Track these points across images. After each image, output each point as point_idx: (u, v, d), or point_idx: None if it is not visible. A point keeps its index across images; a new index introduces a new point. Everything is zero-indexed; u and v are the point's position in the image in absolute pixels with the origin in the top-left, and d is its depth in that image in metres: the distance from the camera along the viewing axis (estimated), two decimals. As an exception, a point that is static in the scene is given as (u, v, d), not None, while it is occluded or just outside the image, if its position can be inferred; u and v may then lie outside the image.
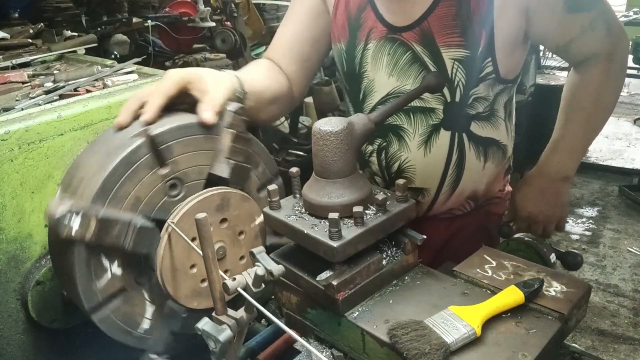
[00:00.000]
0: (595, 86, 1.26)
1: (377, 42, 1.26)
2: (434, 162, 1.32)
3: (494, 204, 1.49)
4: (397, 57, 1.25)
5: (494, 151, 1.35)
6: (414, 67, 1.24)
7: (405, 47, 1.23)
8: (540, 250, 1.36)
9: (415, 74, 1.24)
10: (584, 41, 1.21)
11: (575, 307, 0.93)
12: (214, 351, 0.81)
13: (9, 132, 1.05)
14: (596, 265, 3.50)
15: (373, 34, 1.27)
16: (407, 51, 1.23)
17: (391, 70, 1.27)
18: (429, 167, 1.33)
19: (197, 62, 3.59)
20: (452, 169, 1.32)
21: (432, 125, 1.28)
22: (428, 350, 0.80)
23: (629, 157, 5.05)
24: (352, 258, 0.93)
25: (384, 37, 1.25)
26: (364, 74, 1.32)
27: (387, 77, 1.28)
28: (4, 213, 1.07)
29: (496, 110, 1.31)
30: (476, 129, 1.30)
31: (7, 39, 2.04)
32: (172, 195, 1.05)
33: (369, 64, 1.30)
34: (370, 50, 1.28)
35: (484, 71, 1.21)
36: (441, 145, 1.30)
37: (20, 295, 1.14)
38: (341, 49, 1.34)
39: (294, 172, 1.03)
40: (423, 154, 1.31)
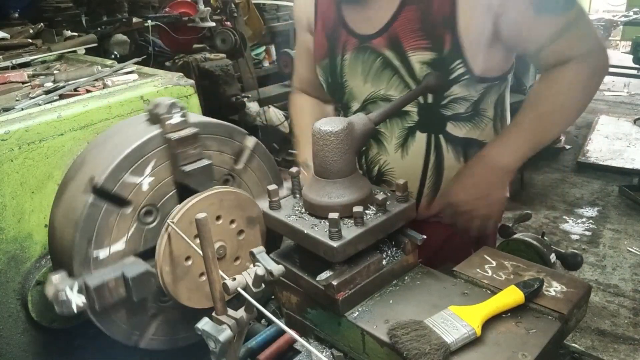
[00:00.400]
0: (558, 87, 1.21)
1: (351, 53, 1.30)
2: (412, 165, 1.32)
3: None
4: (369, 64, 1.27)
5: (476, 152, 1.31)
6: (385, 72, 1.26)
7: (375, 54, 1.26)
8: (540, 250, 1.36)
9: (387, 79, 1.26)
10: (554, 47, 1.17)
11: (575, 307, 0.92)
12: (214, 351, 0.81)
13: (9, 132, 1.05)
14: (596, 265, 3.50)
15: (347, 46, 1.30)
16: (378, 57, 1.25)
17: (366, 77, 1.29)
18: (407, 170, 1.32)
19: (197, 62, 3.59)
20: (430, 171, 1.32)
21: (407, 127, 1.28)
22: (428, 350, 0.80)
23: (629, 157, 5.04)
24: (352, 258, 0.93)
25: (356, 47, 1.29)
26: (345, 84, 1.35)
27: (363, 83, 1.31)
28: (4, 213, 1.07)
29: (482, 110, 1.29)
30: (453, 130, 1.28)
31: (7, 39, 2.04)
32: (150, 222, 1.05)
33: (347, 74, 1.33)
34: (347, 61, 1.31)
35: (456, 72, 1.20)
36: (418, 148, 1.30)
37: (20, 295, 1.14)
38: (326, 63, 1.38)
39: (294, 172, 1.03)
40: (400, 156, 1.32)
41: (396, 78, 1.24)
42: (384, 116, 1.09)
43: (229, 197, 1.08)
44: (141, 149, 1.02)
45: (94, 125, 1.18)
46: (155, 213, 1.06)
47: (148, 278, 0.99)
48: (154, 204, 1.05)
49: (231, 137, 1.17)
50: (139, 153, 1.02)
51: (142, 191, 1.03)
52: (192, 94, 1.37)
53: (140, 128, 1.07)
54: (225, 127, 1.16)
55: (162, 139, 1.04)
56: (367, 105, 1.31)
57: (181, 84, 1.34)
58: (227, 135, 1.16)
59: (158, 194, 1.05)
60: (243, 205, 1.11)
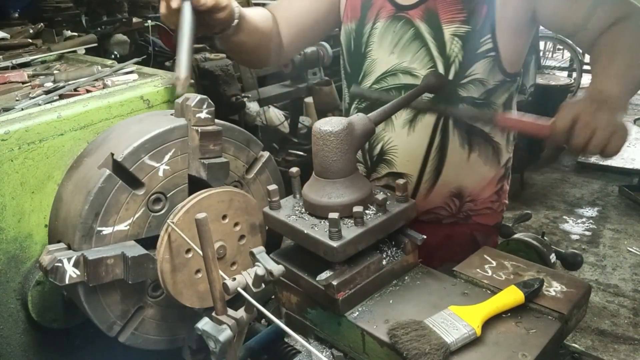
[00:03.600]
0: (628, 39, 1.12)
1: (385, 21, 1.29)
2: (416, 144, 1.31)
3: (485, 215, 1.43)
4: (400, 35, 1.27)
5: (481, 143, 1.33)
6: (414, 43, 1.26)
7: (409, 24, 1.26)
8: (540, 250, 1.36)
9: (414, 51, 1.26)
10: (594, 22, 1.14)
11: (575, 307, 0.92)
12: (214, 351, 0.81)
13: (9, 132, 1.05)
14: (596, 265, 3.50)
15: (382, 13, 1.30)
16: (410, 28, 1.26)
17: (393, 48, 1.29)
18: (411, 149, 1.32)
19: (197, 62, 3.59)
20: (434, 153, 1.31)
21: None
22: (428, 350, 0.80)
23: (629, 157, 5.04)
24: (352, 258, 0.93)
25: (391, 15, 1.29)
26: (368, 53, 1.34)
27: (389, 54, 1.30)
28: (4, 213, 1.07)
29: (493, 104, 1.30)
30: None
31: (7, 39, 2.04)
32: (157, 210, 1.06)
33: (374, 43, 1.32)
34: (377, 29, 1.31)
35: (483, 47, 1.22)
36: (425, 126, 1.29)
37: (20, 295, 1.14)
38: (351, 28, 1.37)
39: (294, 172, 1.03)
40: (406, 133, 1.31)
41: (423, 50, 1.25)
42: (384, 116, 1.09)
43: (238, 198, 1.09)
44: (165, 135, 1.04)
45: (94, 125, 1.18)
46: (164, 202, 1.07)
47: (147, 262, 0.99)
48: (165, 193, 1.06)
49: (248, 145, 1.19)
50: (162, 139, 1.04)
51: (156, 177, 1.04)
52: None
53: (166, 118, 1.10)
54: (244, 134, 1.18)
55: (186, 131, 1.06)
56: (387, 77, 1.31)
57: (181, 84, 1.34)
58: (244, 143, 1.18)
59: (171, 184, 1.07)
60: (250, 210, 1.11)
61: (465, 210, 1.40)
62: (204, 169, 1.05)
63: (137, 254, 0.98)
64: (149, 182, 1.04)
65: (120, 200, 1.00)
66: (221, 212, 1.06)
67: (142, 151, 1.02)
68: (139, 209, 1.03)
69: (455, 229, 1.41)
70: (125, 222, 1.02)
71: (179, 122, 1.07)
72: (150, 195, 1.04)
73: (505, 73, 1.27)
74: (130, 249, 0.99)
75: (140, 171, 1.02)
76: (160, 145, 1.04)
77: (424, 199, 1.36)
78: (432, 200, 1.36)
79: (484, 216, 1.43)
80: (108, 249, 0.99)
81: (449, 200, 1.37)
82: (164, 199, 1.07)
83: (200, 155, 1.05)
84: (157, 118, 1.12)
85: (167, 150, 1.05)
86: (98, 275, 0.96)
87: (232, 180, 1.17)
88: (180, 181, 1.08)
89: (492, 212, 1.44)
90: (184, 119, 1.07)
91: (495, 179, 1.40)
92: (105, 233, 1.00)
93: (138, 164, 1.02)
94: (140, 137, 1.02)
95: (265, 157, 1.23)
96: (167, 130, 1.04)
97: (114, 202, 1.00)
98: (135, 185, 1.02)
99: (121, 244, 1.02)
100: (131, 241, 1.03)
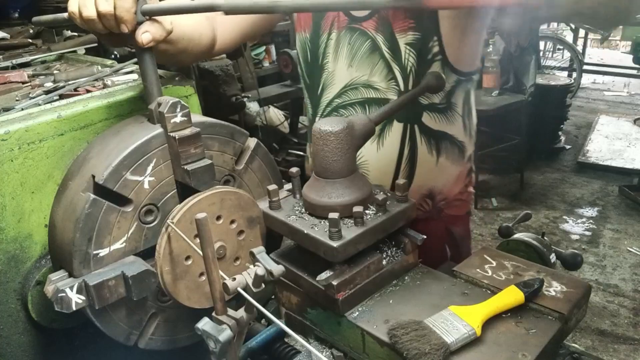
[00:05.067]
0: None
1: (338, 32, 1.28)
2: (387, 157, 1.31)
3: (456, 206, 1.46)
4: (356, 47, 1.26)
5: (447, 146, 1.34)
6: (372, 56, 1.25)
7: (365, 36, 1.25)
8: (540, 250, 1.36)
9: (373, 64, 1.25)
10: None
11: (575, 307, 0.92)
12: (214, 351, 0.81)
13: (9, 132, 1.05)
14: (596, 265, 3.50)
15: (336, 24, 1.28)
16: (367, 40, 1.24)
17: (350, 61, 1.28)
18: (381, 162, 1.32)
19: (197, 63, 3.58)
20: (404, 163, 1.32)
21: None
22: (428, 350, 0.80)
23: (629, 157, 5.04)
24: (352, 258, 0.93)
25: (345, 26, 1.27)
26: (325, 66, 1.33)
27: (347, 67, 1.29)
28: (4, 213, 1.07)
29: (454, 105, 1.31)
30: (428, 121, 1.29)
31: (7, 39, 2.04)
32: (150, 222, 1.06)
33: (330, 55, 1.31)
34: (332, 41, 1.29)
35: (432, 51, 1.22)
36: (393, 138, 1.30)
37: (20, 295, 1.13)
38: (305, 38, 1.35)
39: (294, 172, 1.03)
40: (376, 148, 1.31)
41: (382, 63, 1.24)
42: (383, 116, 1.09)
43: (229, 197, 1.08)
44: (143, 147, 1.02)
45: (94, 125, 1.18)
46: (155, 212, 1.06)
47: (148, 277, 0.99)
48: (155, 203, 1.05)
49: (232, 137, 1.17)
50: (140, 152, 1.02)
51: (143, 190, 1.03)
52: (192, 94, 1.36)
53: (141, 127, 1.07)
54: (227, 127, 1.16)
55: (164, 138, 1.04)
56: (348, 91, 1.30)
57: (181, 84, 1.34)
58: (228, 136, 1.16)
59: (159, 193, 1.06)
60: (243, 205, 1.11)
61: (438, 207, 1.42)
62: (188, 176, 1.03)
63: (136, 272, 0.97)
64: (136, 197, 1.02)
65: (111, 220, 0.99)
66: (214, 214, 1.06)
67: (123, 168, 1.00)
68: (132, 224, 1.02)
69: (430, 224, 1.41)
70: (121, 240, 1.01)
71: (155, 130, 1.04)
72: (140, 209, 1.03)
73: (458, 73, 1.27)
74: (130, 267, 0.99)
75: (124, 188, 1.00)
76: (140, 158, 1.02)
77: None
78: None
79: (455, 208, 1.46)
80: (108, 271, 0.98)
81: (422, 202, 1.40)
82: (155, 209, 1.06)
83: (182, 161, 1.03)
84: (133, 129, 1.08)
85: (148, 161, 1.03)
86: (102, 298, 0.96)
87: (222, 175, 1.16)
88: (168, 189, 1.07)
89: (462, 202, 1.48)
90: (159, 125, 1.05)
91: (464, 174, 1.44)
92: (102, 255, 1.00)
93: (121, 182, 1.00)
94: (119, 154, 0.99)
95: (253, 144, 1.21)
96: (144, 142, 1.02)
97: (104, 224, 0.99)
98: (123, 203, 1.01)
99: (120, 262, 1.01)
100: (130, 257, 1.03)
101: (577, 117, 6.17)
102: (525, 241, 1.39)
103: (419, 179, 1.34)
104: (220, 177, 1.15)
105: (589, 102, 6.91)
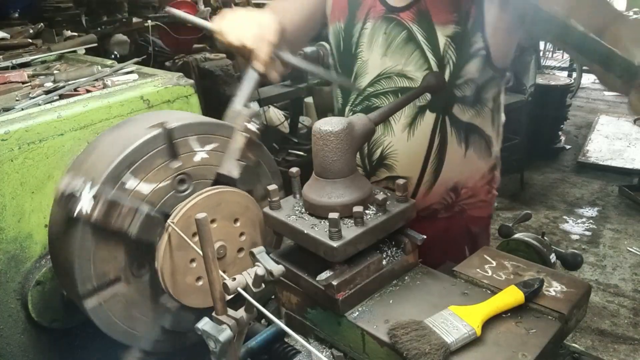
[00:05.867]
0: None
1: (374, 22, 1.28)
2: (417, 146, 1.32)
3: (478, 207, 1.45)
4: (392, 37, 1.26)
5: (476, 139, 1.34)
6: (408, 46, 1.25)
7: (401, 26, 1.25)
8: (540, 250, 1.36)
9: (408, 54, 1.25)
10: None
11: (575, 307, 0.92)
12: (214, 351, 0.81)
13: (9, 132, 1.05)
14: (596, 265, 3.50)
15: (371, 13, 1.28)
16: (403, 31, 1.25)
17: (385, 51, 1.28)
18: (411, 152, 1.32)
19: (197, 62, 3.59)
20: (433, 154, 1.32)
21: (418, 106, 1.28)
22: (428, 350, 0.80)
23: (629, 157, 5.04)
24: (352, 258, 0.93)
25: (381, 16, 1.27)
26: (358, 54, 1.33)
27: (381, 57, 1.29)
28: (4, 213, 1.07)
29: (484, 99, 1.31)
30: (458, 113, 1.30)
31: (7, 39, 2.04)
32: (180, 190, 1.06)
33: (364, 44, 1.31)
34: (367, 30, 1.30)
35: (474, 46, 1.22)
36: (425, 128, 1.30)
37: (20, 295, 1.14)
38: (339, 28, 1.36)
39: (294, 172, 1.03)
40: (406, 137, 1.31)
41: (417, 53, 1.24)
42: (383, 116, 1.09)
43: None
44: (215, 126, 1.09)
45: (94, 125, 1.18)
46: (188, 183, 1.07)
47: (157, 225, 1.00)
48: (193, 177, 1.07)
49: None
50: (212, 128, 1.08)
51: (192, 160, 1.07)
52: (192, 94, 1.37)
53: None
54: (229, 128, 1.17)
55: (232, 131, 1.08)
56: (381, 79, 1.31)
57: (181, 84, 1.34)
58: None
59: (201, 172, 1.08)
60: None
61: (460, 204, 1.42)
62: (238, 169, 1.06)
63: (149, 212, 0.98)
64: (184, 161, 1.05)
65: (155, 163, 1.01)
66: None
67: (189, 131, 1.05)
68: (166, 180, 1.04)
69: (451, 222, 1.42)
70: (150, 185, 1.02)
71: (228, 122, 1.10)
72: (180, 173, 1.05)
73: (494, 69, 1.28)
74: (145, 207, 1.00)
75: (182, 147, 1.04)
76: (208, 133, 1.08)
77: (423, 198, 1.37)
78: (430, 198, 1.38)
79: (477, 209, 1.45)
80: (127, 198, 0.99)
81: (445, 195, 1.39)
82: (189, 182, 1.07)
83: (238, 157, 1.07)
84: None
85: (212, 140, 1.09)
86: (108, 218, 0.95)
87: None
88: (209, 174, 1.10)
89: (485, 204, 1.47)
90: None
91: (489, 170, 1.44)
92: (127, 187, 0.99)
93: (182, 140, 1.04)
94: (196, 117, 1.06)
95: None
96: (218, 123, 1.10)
97: (149, 160, 1.01)
98: (174, 156, 1.04)
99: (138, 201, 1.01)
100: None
101: (577, 117, 6.17)
102: (525, 241, 1.39)
103: (447, 170, 1.34)
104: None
105: (589, 102, 6.91)
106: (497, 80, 1.31)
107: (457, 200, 1.41)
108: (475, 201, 1.43)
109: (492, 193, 1.49)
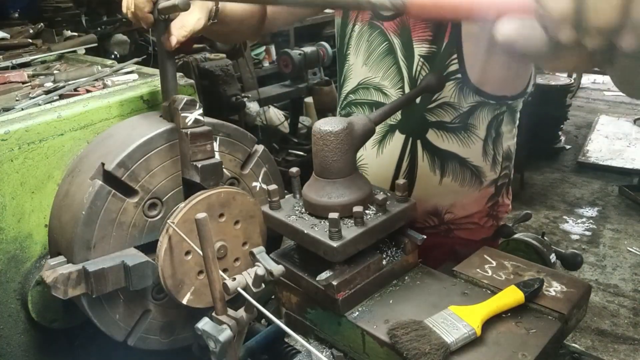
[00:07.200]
0: None
1: (362, 25, 1.26)
2: (386, 165, 1.28)
3: (468, 229, 1.36)
4: (374, 46, 1.24)
5: (456, 168, 1.26)
6: (387, 59, 1.22)
7: (383, 36, 1.22)
8: (540, 250, 1.36)
9: (386, 68, 1.23)
10: None
11: (575, 307, 0.92)
12: (214, 351, 0.81)
13: (9, 132, 1.05)
14: (596, 265, 3.50)
15: (360, 15, 1.26)
16: (384, 42, 1.22)
17: (366, 59, 1.26)
18: (381, 169, 1.29)
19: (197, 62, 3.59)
20: (402, 176, 1.27)
21: (389, 125, 1.25)
22: (428, 350, 0.80)
23: (629, 157, 5.04)
24: (352, 258, 0.93)
25: (367, 21, 1.25)
26: (347, 56, 1.32)
27: (362, 65, 1.27)
28: (4, 213, 1.07)
29: (472, 126, 1.22)
30: (434, 139, 1.23)
31: (7, 39, 2.04)
32: (153, 216, 1.06)
33: (352, 47, 1.29)
34: (355, 32, 1.28)
35: (448, 69, 1.15)
36: (393, 149, 1.26)
37: (20, 295, 1.13)
38: (338, 24, 1.34)
39: (294, 172, 1.03)
40: (376, 153, 1.29)
41: (394, 68, 1.21)
42: (383, 116, 1.09)
43: (230, 197, 1.08)
44: (154, 140, 1.04)
45: (94, 125, 1.18)
46: (160, 207, 1.07)
47: (148, 268, 0.99)
48: (160, 197, 1.06)
49: (241, 141, 1.19)
50: (151, 145, 1.03)
51: (150, 183, 1.04)
52: (192, 94, 1.37)
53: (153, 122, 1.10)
54: (237, 131, 1.18)
55: (175, 134, 1.06)
56: (360, 89, 1.28)
57: (181, 84, 1.34)
58: (237, 139, 1.17)
59: (165, 188, 1.07)
60: (245, 206, 1.11)
61: (447, 224, 1.35)
62: (196, 172, 1.04)
63: (137, 262, 0.98)
64: (142, 189, 1.03)
65: (115, 210, 1.00)
66: (216, 213, 1.06)
67: (132, 160, 1.01)
68: (135, 216, 1.03)
69: (437, 240, 1.32)
70: (122, 231, 1.02)
71: (166, 125, 1.06)
72: (145, 202, 1.04)
73: (483, 94, 1.19)
74: (130, 258, 0.99)
75: (132, 179, 1.02)
76: (150, 151, 1.04)
77: None
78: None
79: (467, 231, 1.36)
80: (108, 259, 0.99)
81: (427, 218, 1.34)
82: (159, 203, 1.07)
83: (192, 157, 1.04)
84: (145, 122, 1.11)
85: (157, 155, 1.05)
86: (100, 286, 0.96)
87: (227, 178, 1.17)
88: (174, 185, 1.08)
89: (478, 227, 1.37)
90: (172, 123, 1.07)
91: (483, 198, 1.34)
92: (103, 244, 1.00)
93: (129, 173, 1.01)
94: (129, 146, 1.01)
95: (260, 151, 1.22)
96: (156, 135, 1.04)
97: (108, 212, 1.00)
98: (129, 193, 1.02)
99: (120, 252, 1.02)
100: (131, 248, 1.03)
101: (577, 117, 6.17)
102: (525, 241, 1.39)
103: (419, 193, 1.28)
104: (225, 179, 1.16)
105: (589, 102, 6.91)
106: (491, 107, 1.22)
107: (441, 222, 1.34)
108: (464, 222, 1.35)
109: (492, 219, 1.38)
